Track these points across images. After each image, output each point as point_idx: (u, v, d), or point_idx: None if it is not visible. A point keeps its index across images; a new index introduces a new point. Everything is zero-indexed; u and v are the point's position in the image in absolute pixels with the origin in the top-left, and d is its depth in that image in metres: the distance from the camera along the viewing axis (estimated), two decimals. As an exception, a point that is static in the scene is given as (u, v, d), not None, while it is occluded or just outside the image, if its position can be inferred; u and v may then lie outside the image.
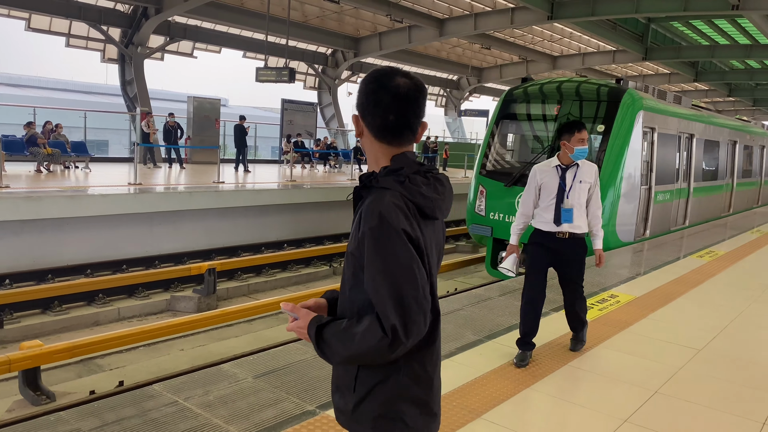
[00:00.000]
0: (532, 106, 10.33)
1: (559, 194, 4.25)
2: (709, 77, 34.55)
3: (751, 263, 9.00)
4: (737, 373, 4.42)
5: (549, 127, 9.93)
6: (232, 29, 23.16)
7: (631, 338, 5.03)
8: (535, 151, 10.05)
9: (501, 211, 9.72)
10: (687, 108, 12.68)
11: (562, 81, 10.63)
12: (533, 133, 10.48)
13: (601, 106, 9.71)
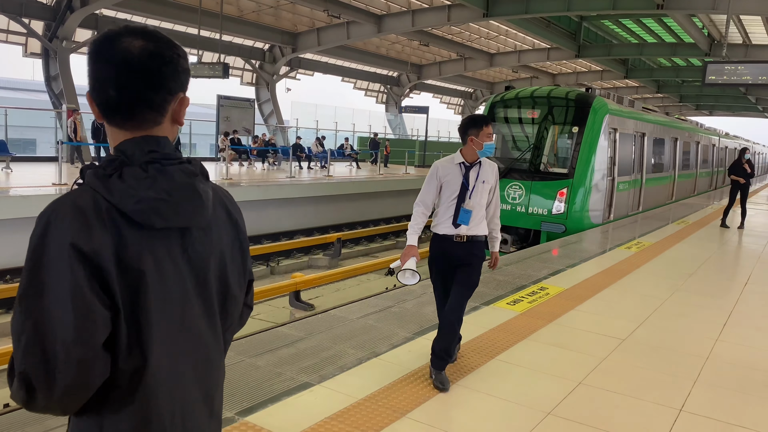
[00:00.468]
0: (515, 110, 11.90)
1: (461, 194, 3.83)
2: (638, 74, 35.87)
3: (676, 253, 9.34)
4: (657, 361, 4.54)
5: (531, 129, 11.61)
6: (165, 23, 22.43)
7: (558, 330, 5.10)
8: (519, 149, 11.80)
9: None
10: (639, 111, 14.64)
11: (540, 89, 12.73)
12: (516, 134, 12.10)
13: (574, 111, 11.34)
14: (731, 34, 25.22)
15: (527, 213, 11.03)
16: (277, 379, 3.78)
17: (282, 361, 4.07)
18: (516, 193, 11.07)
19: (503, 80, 40.77)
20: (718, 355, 4.72)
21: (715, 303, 6.40)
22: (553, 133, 11.72)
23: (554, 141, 11.75)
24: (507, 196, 11.09)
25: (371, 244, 15.30)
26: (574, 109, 11.37)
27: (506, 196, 11.06)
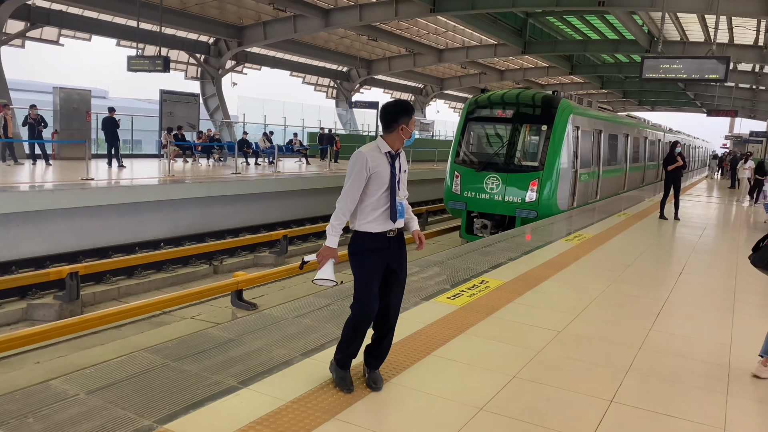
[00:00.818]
0: (492, 110, 13.43)
1: (393, 185, 3.56)
2: (583, 70, 36.65)
3: (615, 245, 9.53)
4: (591, 352, 4.57)
5: (505, 128, 13.18)
6: (103, 15, 21.64)
7: (496, 323, 5.09)
8: (495, 145, 13.39)
9: (472, 190, 12.80)
10: (596, 110, 16.70)
11: (512, 91, 14.35)
12: (492, 132, 13.67)
13: (544, 111, 12.94)
14: (670, 31, 26.03)
15: (504, 201, 12.53)
16: (202, 383, 3.62)
17: (209, 365, 3.90)
18: (493, 184, 12.61)
19: (452, 76, 41.10)
20: (650, 345, 4.79)
21: (651, 293, 6.53)
22: (524, 130, 13.15)
23: (526, 138, 13.20)
24: (486, 186, 12.68)
25: (320, 240, 15.12)
26: (543, 110, 13.02)
27: (485, 187, 12.67)
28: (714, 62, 11.31)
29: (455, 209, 13.39)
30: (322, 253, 3.51)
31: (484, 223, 12.93)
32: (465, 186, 12.93)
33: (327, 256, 3.51)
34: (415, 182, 23.40)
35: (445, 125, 46.96)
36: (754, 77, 32.19)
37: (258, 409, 3.34)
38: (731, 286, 7.10)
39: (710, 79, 11.27)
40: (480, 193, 12.72)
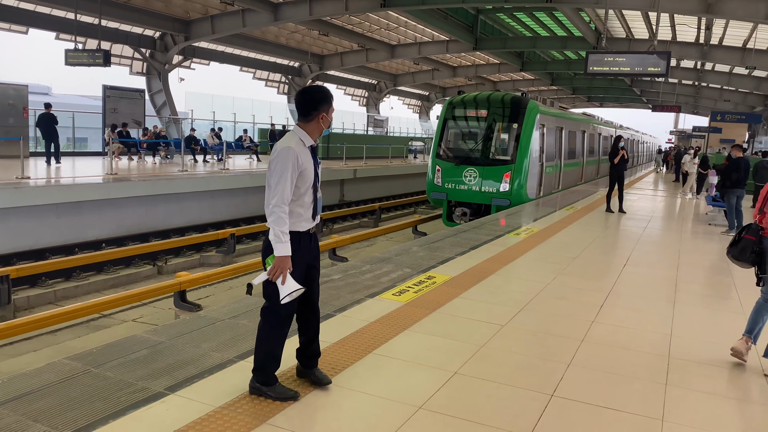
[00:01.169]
0: (468, 110, 14.90)
1: (316, 181, 3.37)
2: (533, 67, 37.15)
3: (562, 238, 9.61)
4: (534, 345, 4.53)
5: (480, 126, 14.61)
6: (41, 7, 20.71)
7: (440, 319, 5.00)
8: (471, 141, 14.70)
9: (452, 182, 14.21)
10: (557, 109, 18.37)
11: (485, 93, 15.63)
12: (469, 130, 14.98)
13: (514, 111, 14.42)
14: (615, 28, 26.61)
15: (480, 191, 13.99)
16: (126, 390, 3.40)
17: (136, 371, 3.68)
18: (471, 176, 14.03)
19: (406, 72, 41.10)
20: (593, 337, 4.78)
21: (595, 285, 6.57)
22: (497, 128, 14.65)
23: (499, 135, 14.70)
24: (464, 178, 14.11)
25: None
26: (514, 110, 14.51)
27: (463, 179, 14.12)
28: (656, 57, 11.57)
29: (436, 199, 14.81)
30: (278, 265, 3.17)
31: (463, 210, 14.25)
32: (445, 178, 14.41)
33: (285, 267, 3.20)
34: (368, 179, 23.30)
35: (399, 122, 46.98)
36: (696, 74, 33.25)
37: (184, 417, 3.15)
38: (673, 276, 7.22)
39: (652, 73, 11.51)
40: (459, 185, 14.21)
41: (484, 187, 13.93)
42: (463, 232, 9.77)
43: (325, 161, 25.52)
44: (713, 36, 23.71)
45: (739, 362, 4.35)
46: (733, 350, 4.33)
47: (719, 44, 24.81)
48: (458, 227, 10.32)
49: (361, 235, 14.35)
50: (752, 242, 4.29)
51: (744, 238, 4.35)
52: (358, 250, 14.42)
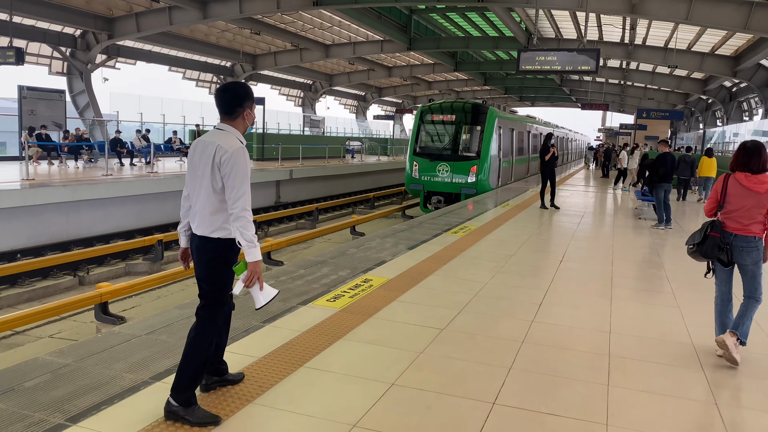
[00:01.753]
0: (438, 116, 17.93)
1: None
2: (467, 67, 37.56)
3: (499, 235, 9.58)
4: (473, 349, 4.35)
5: (451, 128, 17.76)
6: (-55, 2, 19.27)
7: (377, 325, 4.76)
8: (443, 141, 17.83)
9: (428, 175, 17.01)
10: (509, 113, 22.15)
11: (451, 101, 18.79)
12: (439, 131, 18.07)
13: (477, 116, 17.58)
14: (545, 28, 27.18)
15: (452, 183, 16.83)
16: (19, 424, 2.99)
17: (32, 399, 3.26)
18: (444, 170, 16.91)
19: (341, 72, 40.80)
20: (533, 338, 4.66)
21: (533, 283, 6.49)
22: (464, 130, 17.79)
23: (466, 136, 17.79)
24: (438, 172, 16.96)
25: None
26: (477, 115, 17.62)
27: (437, 173, 16.96)
28: (585, 55, 11.77)
29: (414, 190, 17.55)
30: (254, 271, 3.04)
31: (438, 198, 16.93)
32: (422, 172, 17.15)
33: (259, 272, 3.08)
34: (305, 180, 22.88)
35: (336, 122, 46.59)
36: (622, 73, 34.44)
37: (86, 452, 2.78)
38: (608, 271, 7.25)
39: (582, 71, 11.71)
40: (433, 177, 16.98)
41: (455, 179, 16.81)
42: (401, 231, 9.59)
43: (260, 162, 24.92)
44: (637, 36, 24.57)
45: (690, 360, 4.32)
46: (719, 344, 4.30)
47: (643, 44, 25.73)
48: (397, 227, 10.14)
49: (298, 237, 13.98)
50: (718, 239, 4.33)
51: (710, 236, 4.36)
52: (295, 252, 14.05)
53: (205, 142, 3.12)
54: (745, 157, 4.29)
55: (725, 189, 4.37)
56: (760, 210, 4.23)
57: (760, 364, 4.35)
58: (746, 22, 16.21)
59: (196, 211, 3.14)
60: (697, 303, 5.91)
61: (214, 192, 3.06)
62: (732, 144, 30.11)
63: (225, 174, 3.01)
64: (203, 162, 3.07)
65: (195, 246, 3.17)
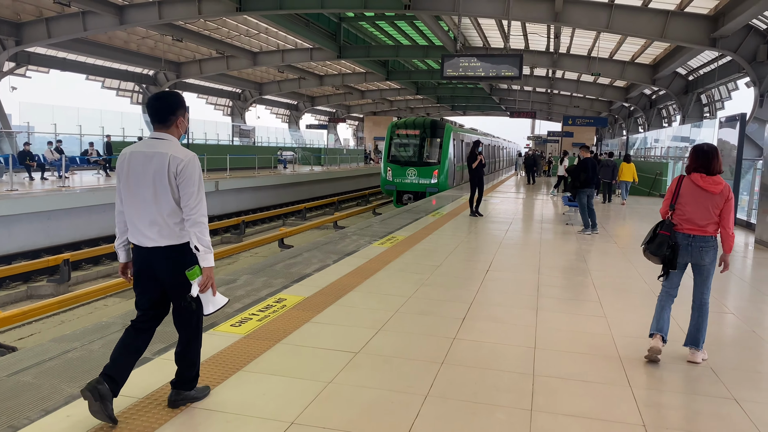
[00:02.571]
0: (406, 130, 22.28)
1: None
2: (398, 76, 37.58)
3: (426, 245, 9.29)
4: (388, 375, 3.96)
5: (416, 140, 22.06)
6: None
7: (284, 352, 4.31)
8: (411, 150, 22.02)
9: (399, 177, 21.34)
10: (459, 127, 27.07)
11: (413, 118, 23.01)
12: (407, 143, 22.26)
13: (436, 130, 22.09)
14: (473, 37, 27.44)
15: (419, 183, 21.41)
16: None
17: None
18: (412, 174, 21.47)
19: (271, 81, 40.06)
20: (454, 357, 4.32)
21: (458, 295, 6.19)
22: (427, 142, 22.31)
23: (429, 146, 22.28)
24: (407, 175, 21.51)
25: (115, 262, 13.35)
26: (436, 129, 22.32)
27: (407, 176, 21.50)
28: (509, 61, 11.73)
29: (389, 190, 22.11)
30: (209, 276, 3.12)
31: (408, 196, 21.31)
32: (395, 176, 21.68)
33: (212, 277, 3.16)
34: (232, 192, 22.10)
35: (267, 131, 45.68)
36: (549, 81, 35.28)
37: None
38: (534, 280, 7.05)
39: (506, 76, 11.66)
40: (404, 179, 21.55)
41: (421, 180, 21.46)
42: (325, 244, 9.15)
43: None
44: (562, 45, 25.12)
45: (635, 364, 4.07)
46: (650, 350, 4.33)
47: (567, 53, 26.35)
48: (321, 239, 9.70)
49: (221, 252, 13.32)
50: (667, 237, 4.36)
51: (660, 234, 4.40)
52: (219, 268, 13.35)
53: (147, 153, 3.08)
54: (705, 160, 4.35)
55: (678, 190, 4.43)
56: (714, 210, 4.32)
57: (686, 377, 4.16)
58: (663, 31, 16.72)
59: (150, 222, 3.09)
60: (624, 311, 5.75)
61: (175, 201, 3.07)
62: (653, 149, 31.28)
63: (182, 182, 3.05)
64: (150, 173, 3.05)
65: (160, 257, 3.12)
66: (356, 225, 11.95)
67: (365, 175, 36.84)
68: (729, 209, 4.34)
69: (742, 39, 16.74)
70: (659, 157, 28.30)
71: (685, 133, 24.94)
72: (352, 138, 70.72)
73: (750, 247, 10.48)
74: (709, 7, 16.25)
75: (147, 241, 3.10)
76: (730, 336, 5.19)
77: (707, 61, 22.21)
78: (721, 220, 4.34)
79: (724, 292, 6.97)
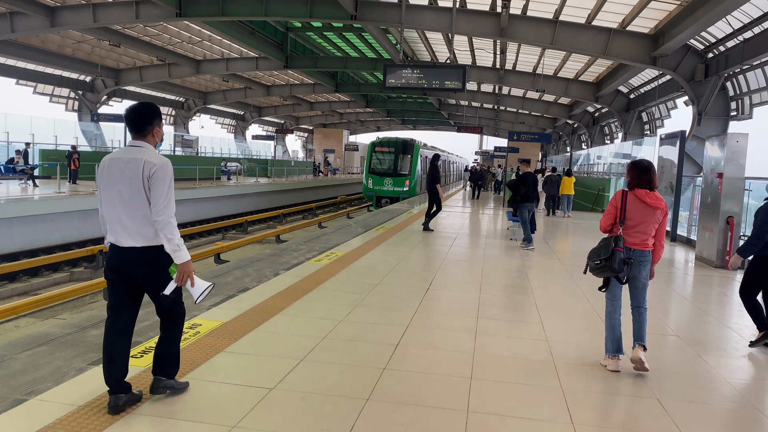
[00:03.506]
0: (383, 147, 27.82)
1: None
2: (347, 89, 37.27)
3: (367, 261, 8.86)
4: (305, 416, 3.48)
5: (391, 156, 27.67)
6: None
7: (182, 393, 3.76)
8: (387, 164, 27.68)
9: (378, 185, 27.08)
10: (424, 145, 31.36)
11: (389, 138, 28.86)
12: (384, 158, 27.67)
13: (408, 148, 27.88)
14: (421, 52, 27.37)
15: (394, 190, 26.68)
16: None
17: None
18: (389, 183, 26.79)
19: (216, 90, 39.12)
20: (382, 392, 3.87)
21: (393, 318, 5.76)
22: (400, 157, 27.50)
23: (401, 161, 27.44)
24: (385, 184, 27.08)
25: (34, 279, 12.40)
26: (408, 147, 27.78)
27: (384, 185, 27.07)
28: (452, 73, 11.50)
29: (370, 195, 27.76)
30: (185, 270, 3.34)
31: (386, 200, 26.90)
32: (374, 185, 27.35)
33: (191, 271, 3.39)
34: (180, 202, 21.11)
35: (211, 141, 44.51)
36: (495, 98, 35.59)
37: None
38: (476, 300, 6.70)
39: (449, 88, 11.41)
40: (382, 187, 27.16)
41: (395, 188, 27.23)
42: (258, 261, 8.60)
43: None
44: (508, 61, 25.29)
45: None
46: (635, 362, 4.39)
47: (513, 69, 26.57)
48: (255, 256, 9.14)
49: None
50: (623, 253, 4.38)
51: (616, 251, 4.36)
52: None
53: (124, 159, 3.33)
54: (647, 175, 4.42)
55: (624, 205, 4.45)
56: (654, 225, 4.44)
57: (630, 411, 3.84)
58: (605, 48, 16.91)
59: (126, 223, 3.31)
60: (567, 334, 5.44)
61: (148, 202, 3.29)
62: (596, 165, 31.84)
63: (153, 183, 3.27)
64: (127, 177, 3.29)
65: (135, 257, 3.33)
66: (297, 239, 11.43)
67: (313, 188, 36.21)
68: (665, 224, 4.52)
69: (681, 58, 17.09)
70: (602, 173, 28.80)
71: (627, 150, 25.43)
72: (301, 150, 69.97)
73: (690, 264, 10.46)
74: (650, 26, 16.52)
75: (124, 241, 3.33)
76: (676, 363, 4.93)
77: (648, 80, 22.70)
78: (658, 233, 4.49)
79: (667, 311, 6.78)
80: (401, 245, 10.90)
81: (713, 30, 15.53)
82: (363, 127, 65.43)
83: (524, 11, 17.37)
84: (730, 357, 5.07)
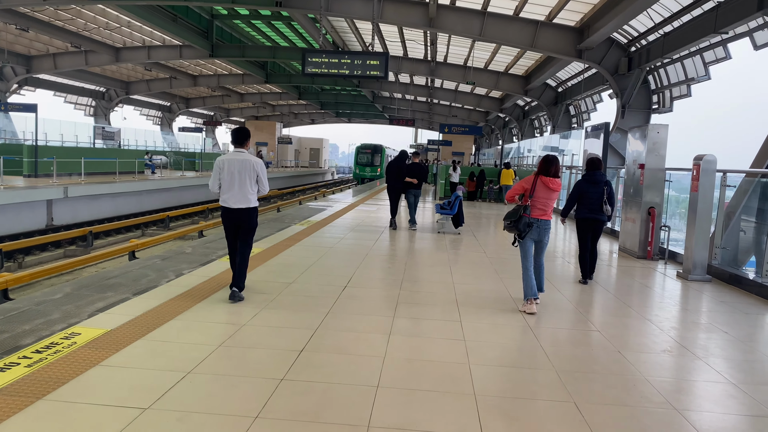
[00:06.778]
0: (365, 149, 49.10)
1: None
2: (278, 80, 36.35)
3: (285, 258, 8.37)
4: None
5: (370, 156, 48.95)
6: None
7: (44, 413, 3.21)
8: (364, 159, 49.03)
9: (362, 172, 48.57)
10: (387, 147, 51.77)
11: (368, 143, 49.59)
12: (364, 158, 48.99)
13: (378, 149, 49.11)
14: (352, 42, 26.91)
15: (370, 174, 47.50)
16: None
17: None
18: (368, 170, 47.97)
19: (140, 80, 37.38)
20: (273, 410, 3.43)
21: (303, 319, 5.32)
22: (374, 156, 48.42)
23: (375, 158, 48.35)
24: (366, 171, 47.96)
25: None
26: (378, 148, 48.74)
27: (366, 171, 47.98)
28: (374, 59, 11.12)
29: (357, 176, 47.72)
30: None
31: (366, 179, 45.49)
32: (360, 171, 48.00)
33: None
34: (86, 198, 19.90)
35: (135, 134, 42.58)
36: (428, 91, 35.55)
37: None
38: (395, 297, 6.35)
39: (371, 76, 11.03)
40: (364, 173, 47.60)
41: (371, 173, 47.08)
42: (169, 258, 7.97)
43: (33, 179, 21.29)
44: (439, 53, 25.17)
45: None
46: (529, 313, 5.85)
47: (444, 61, 26.48)
48: (166, 252, 8.48)
49: (57, 267, 11.58)
50: (527, 218, 5.99)
51: (523, 216, 5.99)
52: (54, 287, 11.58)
53: (237, 159, 5.85)
54: (550, 166, 6.09)
55: (534, 185, 6.08)
56: (552, 202, 6.11)
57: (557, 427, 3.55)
58: (533, 41, 16.94)
59: (239, 194, 5.82)
60: (486, 333, 5.16)
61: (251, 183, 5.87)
62: (527, 158, 32.32)
63: (259, 171, 5.89)
64: (244, 168, 5.82)
65: (243, 214, 5.85)
66: (218, 234, 10.78)
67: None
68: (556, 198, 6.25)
69: (605, 52, 17.33)
70: (532, 165, 29.21)
71: (555, 143, 25.83)
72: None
73: (614, 255, 10.51)
74: (576, 19, 16.65)
75: (236, 205, 5.81)
76: (596, 361, 4.71)
77: (575, 74, 23.06)
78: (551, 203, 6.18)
79: (589, 305, 6.63)
80: (325, 239, 10.45)
81: (635, 24, 15.78)
82: (297, 119, 64.36)
83: (453, 2, 17.18)
84: (650, 353, 4.91)
